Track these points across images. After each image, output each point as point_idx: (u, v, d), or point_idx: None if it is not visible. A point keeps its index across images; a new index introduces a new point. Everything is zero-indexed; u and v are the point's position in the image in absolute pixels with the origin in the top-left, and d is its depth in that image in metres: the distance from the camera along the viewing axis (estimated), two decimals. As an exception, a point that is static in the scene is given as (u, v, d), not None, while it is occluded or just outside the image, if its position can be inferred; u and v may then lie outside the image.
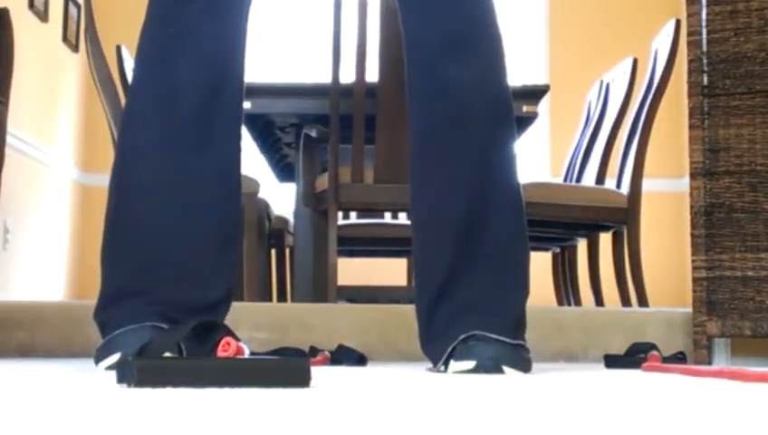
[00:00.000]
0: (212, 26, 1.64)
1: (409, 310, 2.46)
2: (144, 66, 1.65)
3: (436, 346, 1.63)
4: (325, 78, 3.20)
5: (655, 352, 2.00)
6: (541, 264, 4.34)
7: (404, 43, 1.71)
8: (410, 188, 1.72)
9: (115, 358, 1.50)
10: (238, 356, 1.29)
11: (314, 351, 2.05)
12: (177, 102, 1.61)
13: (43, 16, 5.21)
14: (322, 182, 3.21)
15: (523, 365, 1.58)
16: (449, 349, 1.59)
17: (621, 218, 3.41)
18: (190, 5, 1.62)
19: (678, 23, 3.39)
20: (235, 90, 1.67)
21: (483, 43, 1.68)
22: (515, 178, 1.69)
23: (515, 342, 1.59)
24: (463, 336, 1.57)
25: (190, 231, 1.62)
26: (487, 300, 1.62)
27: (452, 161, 1.66)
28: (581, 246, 3.93)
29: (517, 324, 1.63)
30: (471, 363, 1.54)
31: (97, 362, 1.56)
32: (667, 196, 5.87)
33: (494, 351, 1.55)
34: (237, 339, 1.35)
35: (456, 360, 1.57)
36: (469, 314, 1.61)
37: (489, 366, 1.54)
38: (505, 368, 1.54)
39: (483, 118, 1.66)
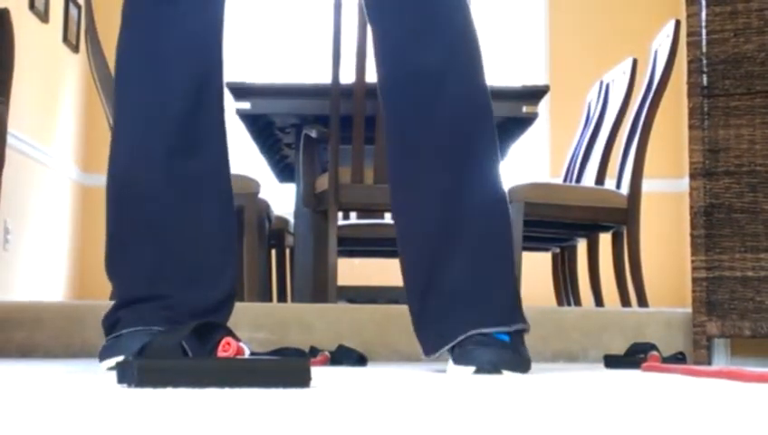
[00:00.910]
0: (194, 24, 1.63)
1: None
2: (129, 68, 1.64)
3: (429, 333, 1.64)
4: (325, 78, 3.20)
5: (654, 353, 2.01)
6: (540, 264, 4.34)
7: (372, 37, 1.72)
8: (389, 185, 1.72)
9: (119, 359, 1.50)
10: (238, 356, 1.29)
11: (314, 351, 2.06)
12: (168, 103, 1.60)
13: (44, 17, 5.21)
14: (322, 182, 3.21)
15: (523, 367, 1.58)
16: (446, 348, 1.59)
17: (621, 219, 3.41)
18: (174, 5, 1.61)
19: (678, 23, 3.39)
20: (219, 85, 1.67)
21: (450, 30, 1.67)
22: (495, 168, 1.66)
23: (513, 328, 1.59)
24: (462, 337, 1.57)
25: (193, 233, 1.62)
26: (478, 289, 1.62)
27: (426, 151, 1.65)
28: (581, 246, 3.93)
29: (512, 310, 1.62)
30: (470, 369, 1.55)
31: (101, 359, 1.56)
32: (666, 196, 5.87)
33: (492, 354, 1.55)
34: (237, 339, 1.35)
35: (456, 364, 1.57)
36: (461, 303, 1.60)
37: (489, 370, 1.54)
38: (505, 372, 1.55)
39: (455, 105, 1.65)
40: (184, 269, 1.60)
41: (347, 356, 2.01)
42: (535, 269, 4.34)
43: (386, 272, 5.04)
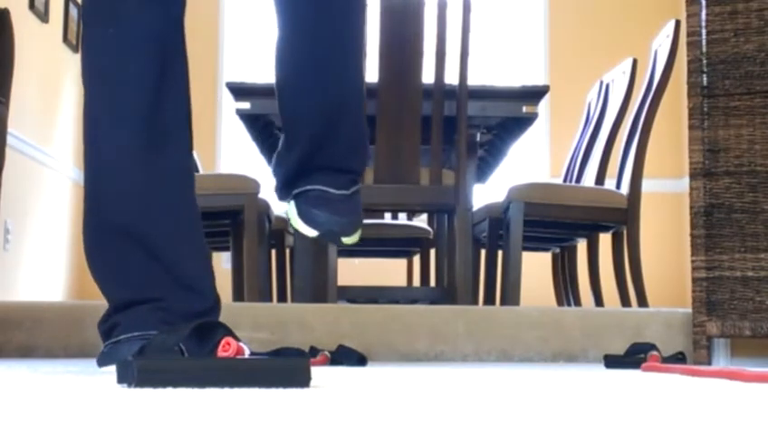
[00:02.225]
0: (154, 19, 1.62)
1: (409, 310, 2.47)
2: (92, 67, 1.64)
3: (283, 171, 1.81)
4: (325, 78, 3.19)
5: (654, 353, 2.01)
6: (540, 264, 4.34)
7: None
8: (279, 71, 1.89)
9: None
10: (238, 356, 1.29)
11: (314, 351, 2.06)
12: (132, 99, 1.60)
13: (44, 17, 5.21)
14: (322, 182, 3.20)
15: (354, 221, 1.79)
16: (294, 192, 1.78)
17: (621, 219, 3.41)
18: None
19: (678, 23, 3.39)
20: (184, 78, 1.66)
21: None
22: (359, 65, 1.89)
23: (350, 191, 1.79)
24: (307, 187, 1.75)
25: (171, 233, 1.61)
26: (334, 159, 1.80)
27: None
28: (581, 246, 3.93)
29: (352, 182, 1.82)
30: (313, 232, 1.75)
31: (100, 365, 1.55)
32: (666, 196, 5.87)
33: (327, 217, 1.74)
34: (237, 339, 1.35)
35: (302, 220, 1.75)
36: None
37: (332, 237, 1.79)
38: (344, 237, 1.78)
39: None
40: (170, 272, 1.59)
41: (347, 356, 2.01)
42: (535, 269, 4.34)
43: (386, 272, 5.05)
